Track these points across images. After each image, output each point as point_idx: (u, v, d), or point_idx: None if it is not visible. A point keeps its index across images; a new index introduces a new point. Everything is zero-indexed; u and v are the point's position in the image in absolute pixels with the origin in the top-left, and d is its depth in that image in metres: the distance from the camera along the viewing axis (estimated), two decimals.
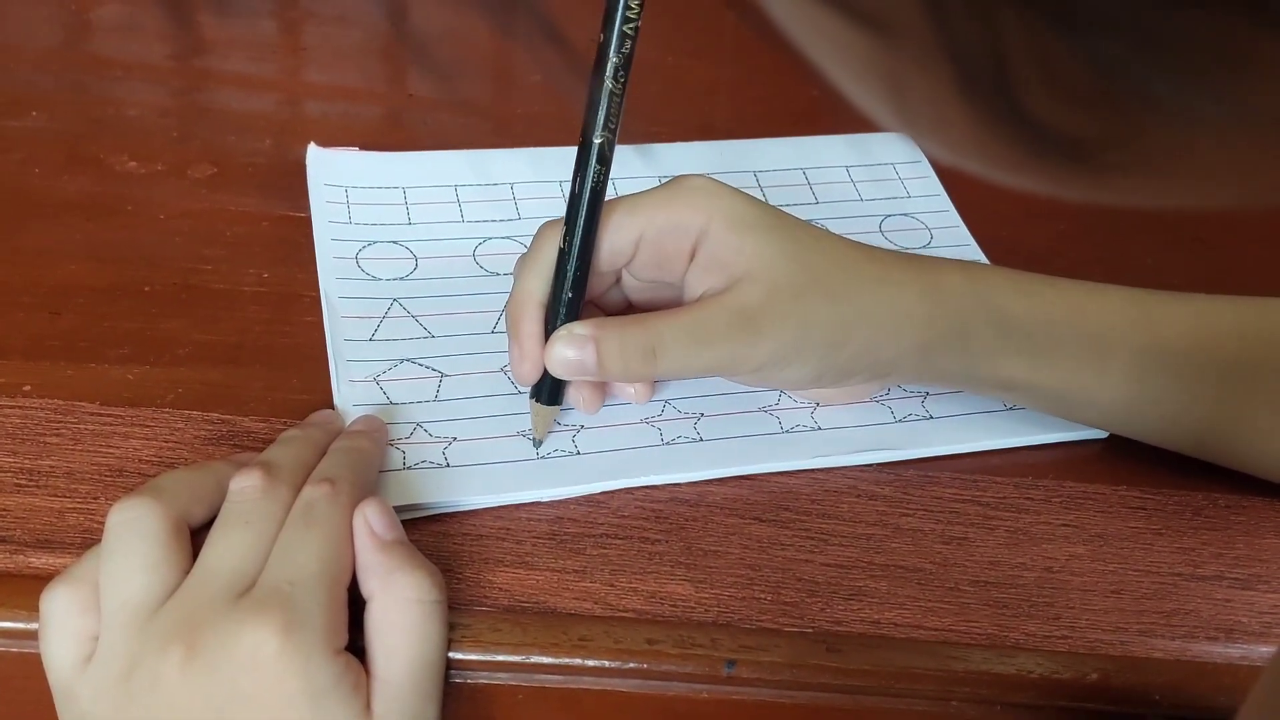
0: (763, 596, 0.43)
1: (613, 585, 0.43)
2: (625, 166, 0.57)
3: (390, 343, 0.50)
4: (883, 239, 0.59)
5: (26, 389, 0.47)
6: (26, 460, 0.44)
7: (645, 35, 0.41)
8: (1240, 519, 0.48)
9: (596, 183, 0.43)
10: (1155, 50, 0.13)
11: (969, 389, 0.49)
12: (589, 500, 0.46)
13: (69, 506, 0.43)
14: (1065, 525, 0.47)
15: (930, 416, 0.51)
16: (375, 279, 0.53)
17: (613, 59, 0.41)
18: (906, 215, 0.61)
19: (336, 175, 0.58)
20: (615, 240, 0.45)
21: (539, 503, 0.45)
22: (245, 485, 0.40)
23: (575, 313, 0.45)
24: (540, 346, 0.45)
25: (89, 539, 0.42)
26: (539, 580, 0.43)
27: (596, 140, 0.42)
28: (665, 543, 0.45)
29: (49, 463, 0.44)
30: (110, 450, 0.45)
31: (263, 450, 0.43)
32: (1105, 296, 0.47)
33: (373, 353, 0.50)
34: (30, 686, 0.39)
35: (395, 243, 0.55)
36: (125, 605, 0.37)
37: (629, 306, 0.49)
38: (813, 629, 0.43)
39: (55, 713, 0.39)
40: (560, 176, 0.58)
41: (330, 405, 0.48)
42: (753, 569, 0.44)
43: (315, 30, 0.70)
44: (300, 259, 0.54)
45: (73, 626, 0.38)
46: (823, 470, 0.48)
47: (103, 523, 0.39)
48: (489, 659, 0.41)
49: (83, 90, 0.63)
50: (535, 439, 0.47)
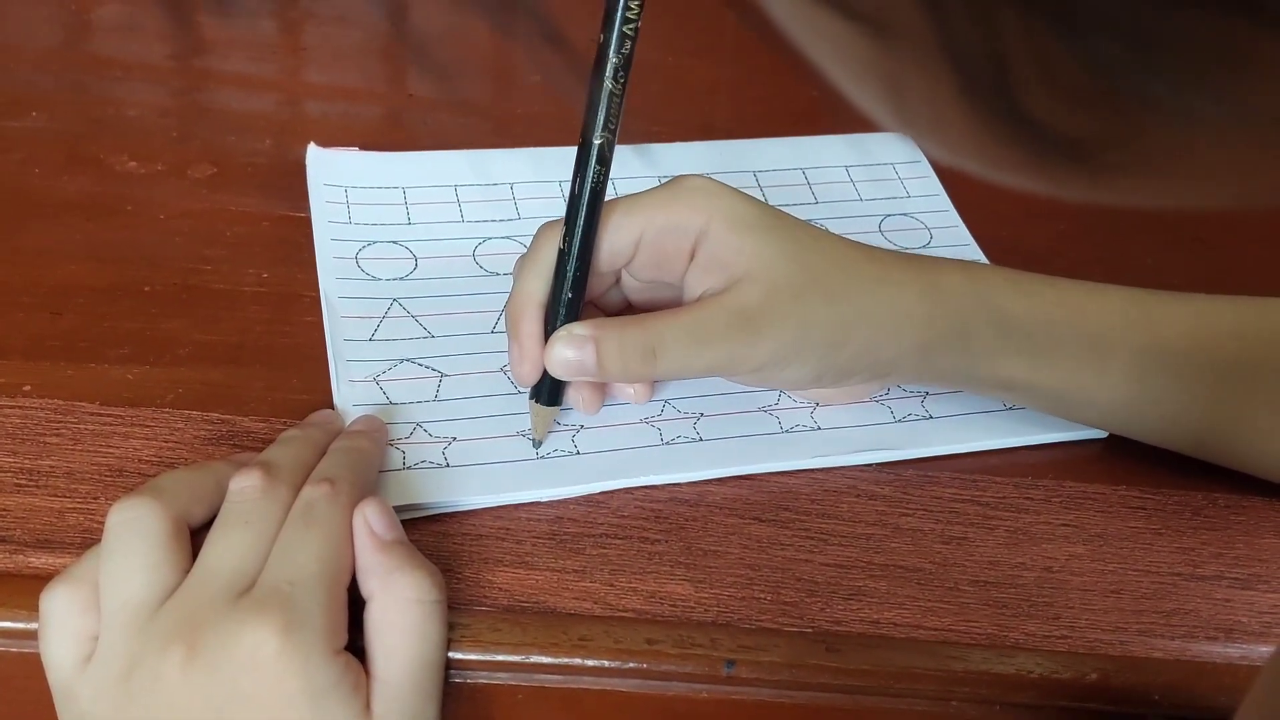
0: (762, 596, 0.43)
1: (612, 585, 0.43)
2: (624, 167, 0.57)
3: (390, 343, 0.50)
4: (882, 239, 0.59)
5: (26, 389, 0.47)
6: (26, 460, 0.44)
7: (645, 35, 0.41)
8: (1240, 519, 0.48)
9: (596, 183, 0.43)
10: (1155, 50, 0.13)
11: (969, 389, 0.49)
12: (589, 500, 0.46)
13: (69, 506, 0.43)
14: (1065, 525, 0.47)
15: (930, 416, 0.51)
16: (375, 279, 0.53)
17: (612, 59, 0.41)
18: (906, 215, 0.61)
19: (336, 175, 0.58)
20: (615, 241, 0.45)
21: (539, 503, 0.45)
22: (245, 485, 0.40)
23: (575, 313, 0.45)
24: (540, 347, 0.45)
25: (89, 539, 0.42)
26: (539, 580, 0.43)
27: (596, 141, 0.42)
28: (665, 543, 0.45)
29: (49, 463, 0.44)
30: (110, 450, 0.45)
31: (262, 450, 0.43)
32: (1105, 296, 0.47)
33: (372, 353, 0.50)
34: (30, 686, 0.39)
35: (395, 243, 0.55)
36: (125, 605, 0.37)
37: (628, 307, 0.49)
38: (812, 629, 0.43)
39: (55, 713, 0.39)
40: (560, 176, 0.58)
41: (330, 405, 0.48)
42: (752, 569, 0.44)
43: (315, 30, 0.70)
44: (300, 259, 0.54)
45: (73, 626, 0.38)
46: (822, 470, 0.48)
47: (103, 523, 0.39)
48: (489, 659, 0.41)
49: (83, 90, 0.63)
50: (535, 440, 0.47)
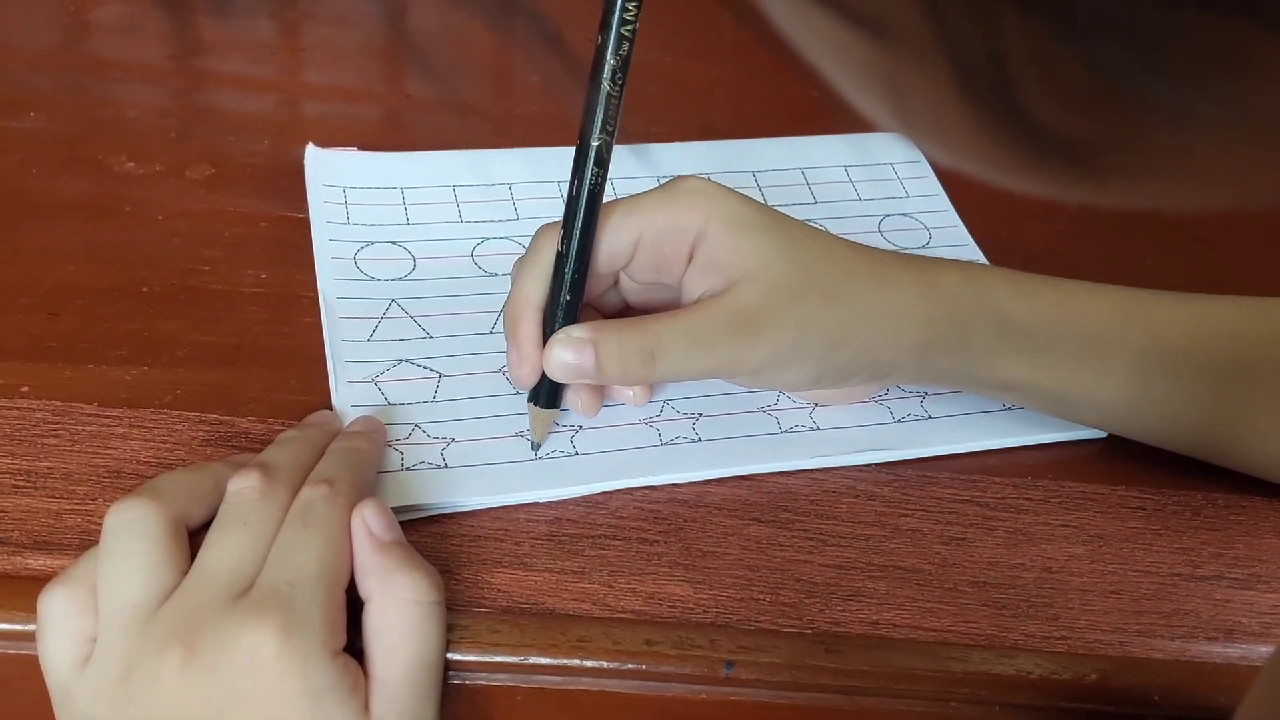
0: (761, 597, 0.43)
1: (611, 586, 0.43)
2: (623, 167, 0.57)
3: (389, 343, 0.50)
4: (881, 239, 0.59)
5: (24, 390, 0.47)
6: (24, 461, 0.44)
7: (644, 36, 0.41)
8: (1240, 519, 0.48)
9: (594, 185, 0.43)
10: (1155, 52, 0.13)
11: (968, 389, 0.49)
12: (587, 501, 0.46)
13: (67, 508, 0.43)
14: (1064, 525, 0.47)
15: (929, 416, 0.51)
16: (373, 279, 0.53)
17: (610, 61, 0.41)
18: (905, 215, 0.61)
19: (335, 176, 0.58)
20: (613, 243, 0.45)
21: (537, 504, 0.45)
22: (243, 486, 0.40)
23: (573, 315, 0.45)
24: (538, 350, 0.45)
25: (87, 540, 0.42)
26: (537, 581, 0.43)
27: (594, 143, 0.42)
28: (664, 543, 0.44)
29: (47, 464, 0.44)
30: (108, 451, 0.45)
31: (261, 451, 0.43)
32: (1105, 297, 0.47)
33: (371, 353, 0.50)
34: (28, 688, 0.39)
35: (393, 243, 0.55)
36: (123, 607, 0.37)
37: (626, 308, 0.49)
38: (811, 630, 0.43)
39: (53, 714, 0.39)
40: (559, 177, 0.58)
41: (328, 406, 0.48)
42: (751, 570, 0.44)
43: (314, 31, 0.70)
44: (299, 260, 0.54)
45: (71, 628, 0.38)
46: (821, 470, 0.48)
47: (100, 524, 0.39)
48: (487, 660, 0.41)
49: (81, 91, 0.63)
50: (534, 442, 0.47)
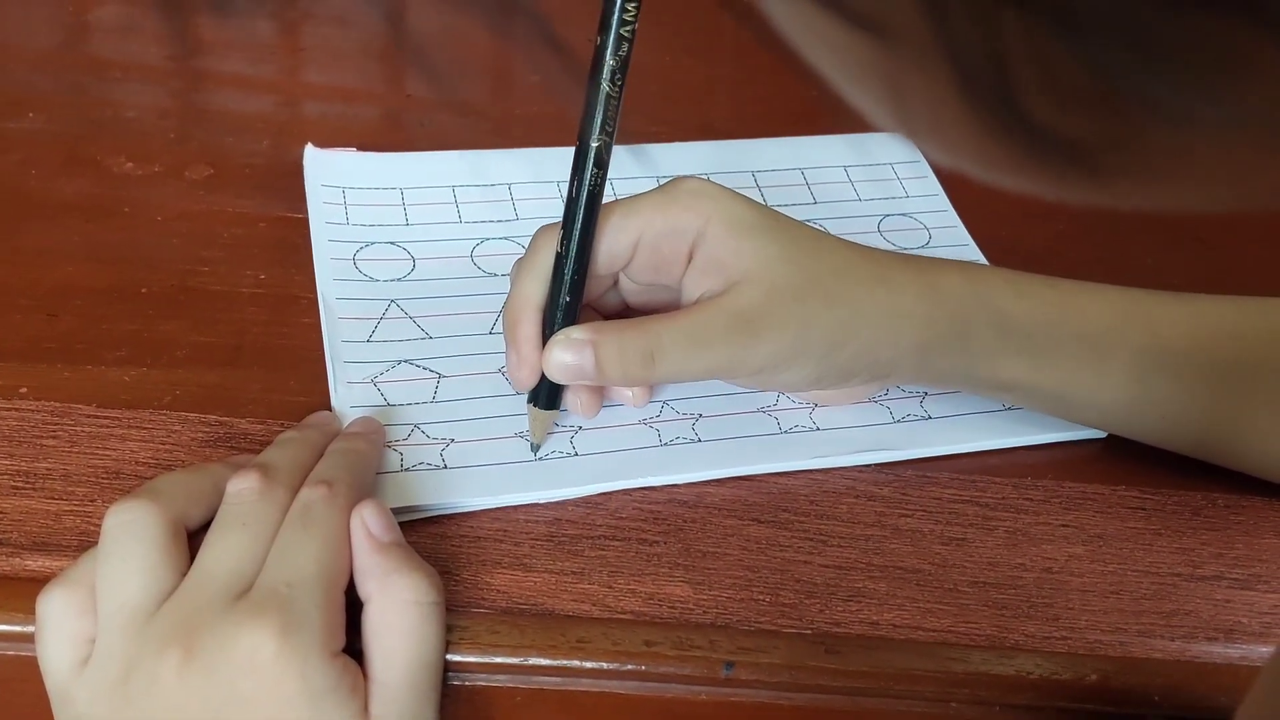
0: (761, 598, 0.43)
1: (610, 587, 0.43)
2: (622, 168, 0.57)
3: (388, 344, 0.50)
4: (881, 239, 0.59)
5: (23, 391, 0.47)
6: (23, 463, 0.44)
7: (643, 36, 0.40)
8: (1240, 519, 0.48)
9: (594, 186, 0.43)
10: (1154, 52, 0.13)
11: (968, 390, 0.49)
12: (587, 502, 0.46)
13: (66, 509, 0.43)
14: (1064, 526, 0.47)
15: (929, 417, 0.50)
16: (373, 280, 0.53)
17: (609, 62, 0.40)
18: (905, 215, 0.61)
19: (334, 176, 0.58)
20: (613, 244, 0.45)
21: (537, 504, 0.45)
22: (242, 487, 0.40)
23: (573, 317, 0.45)
24: (538, 351, 0.45)
25: (86, 541, 0.42)
26: (537, 582, 0.43)
27: (594, 144, 0.42)
28: (663, 544, 0.44)
29: (46, 465, 0.44)
30: (107, 452, 0.45)
31: (260, 452, 0.43)
32: (1105, 297, 0.47)
33: (370, 354, 0.50)
34: (27, 689, 0.39)
35: (393, 244, 0.55)
36: (122, 608, 0.37)
37: (626, 309, 0.49)
38: (811, 630, 0.43)
39: (52, 716, 0.39)
40: (558, 177, 0.58)
41: (328, 407, 0.47)
42: (751, 570, 0.44)
43: (313, 31, 0.70)
44: (298, 260, 0.54)
45: (69, 629, 0.38)
46: (821, 471, 0.48)
47: (99, 525, 0.39)
48: (487, 661, 0.41)
49: (81, 91, 0.63)
50: (533, 443, 0.47)
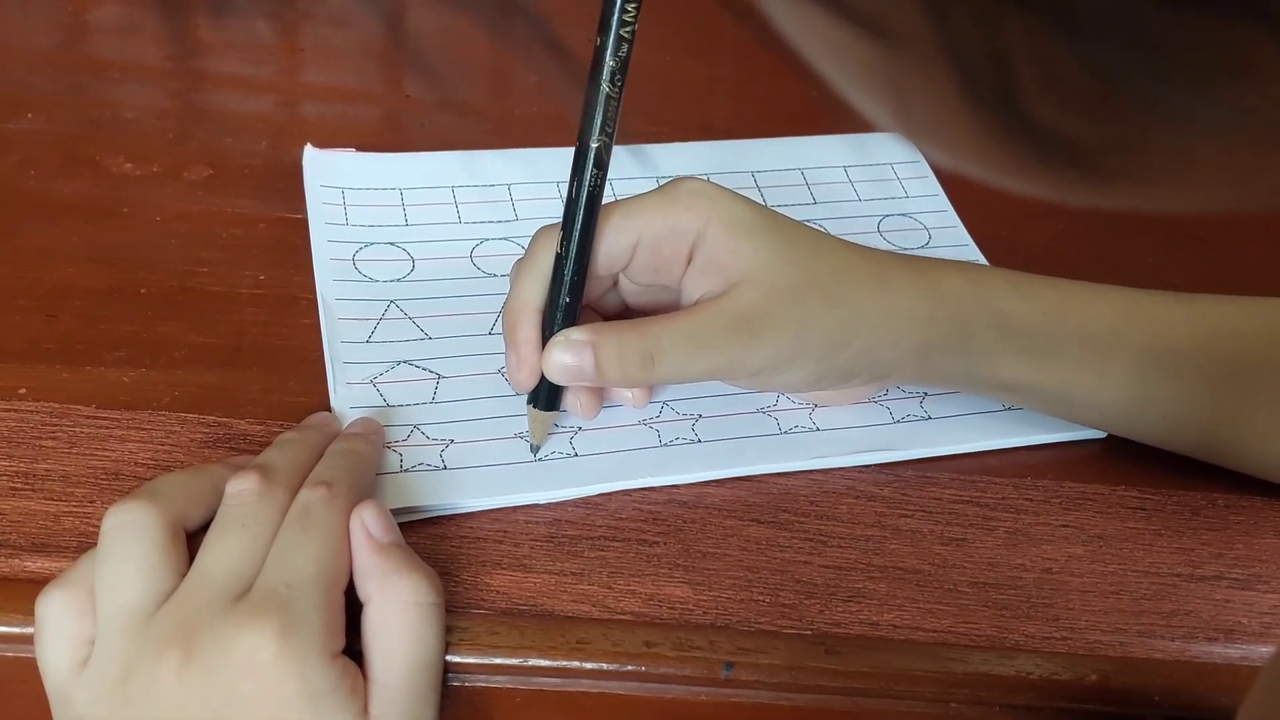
0: (761, 598, 0.43)
1: (610, 588, 0.43)
2: (622, 168, 0.57)
3: (387, 344, 0.50)
4: (881, 239, 0.59)
5: (22, 392, 0.47)
6: (22, 464, 0.44)
7: (643, 36, 0.40)
8: (1240, 519, 0.48)
9: (593, 187, 0.43)
10: (1155, 53, 0.13)
11: (968, 390, 0.49)
12: (586, 502, 0.46)
13: (65, 510, 0.43)
14: (1064, 526, 0.47)
15: (929, 417, 0.50)
16: (372, 280, 0.53)
17: (609, 63, 0.40)
18: (905, 215, 0.61)
19: (333, 177, 0.58)
20: (612, 245, 0.45)
21: (536, 505, 0.45)
22: (241, 488, 0.40)
23: (573, 318, 0.45)
24: (537, 353, 0.45)
25: (85, 542, 0.42)
26: (536, 583, 0.43)
27: (593, 145, 0.42)
28: (663, 545, 0.44)
29: (45, 466, 0.44)
30: (106, 453, 0.45)
31: (259, 453, 0.43)
32: (1105, 297, 0.47)
33: (370, 354, 0.50)
34: (26, 691, 0.39)
35: (392, 244, 0.55)
36: (121, 609, 0.37)
37: (625, 310, 0.49)
38: (811, 631, 0.42)
39: (51, 717, 0.39)
40: (557, 177, 0.58)
41: (327, 407, 0.47)
42: (751, 571, 0.44)
43: (312, 32, 0.70)
44: (297, 261, 0.54)
45: (68, 630, 0.38)
46: (821, 471, 0.48)
47: (99, 526, 0.39)
48: (486, 662, 0.41)
49: (79, 92, 0.63)
50: (533, 445, 0.47)
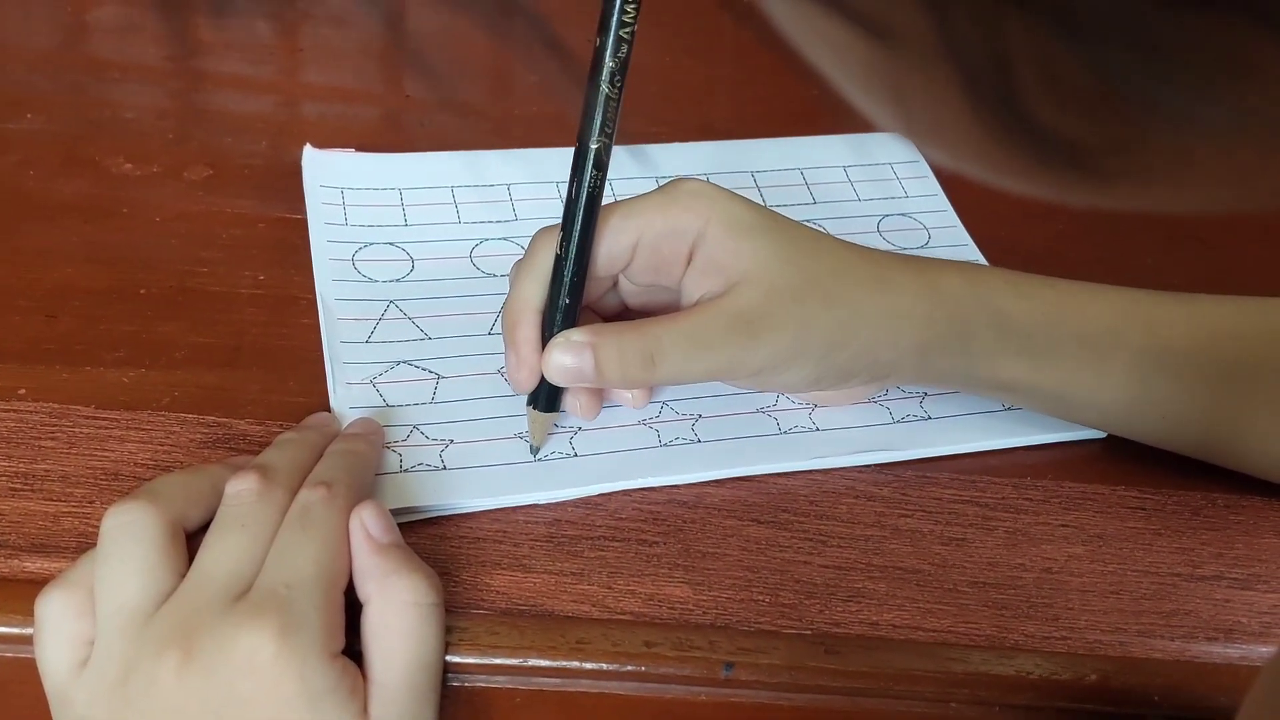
0: (761, 598, 0.43)
1: (610, 588, 0.43)
2: (622, 169, 0.57)
3: (387, 345, 0.50)
4: (880, 239, 0.59)
5: (22, 392, 0.47)
6: (22, 464, 0.44)
7: (643, 36, 0.40)
8: (1239, 519, 0.48)
9: (593, 188, 0.43)
10: (1156, 54, 0.13)
11: (968, 390, 0.49)
12: (586, 503, 0.46)
13: (64, 510, 0.43)
14: (1064, 526, 0.47)
15: (929, 417, 0.50)
16: (372, 281, 0.53)
17: (609, 64, 0.40)
18: (904, 215, 0.61)
19: (333, 177, 0.57)
20: (612, 245, 0.45)
21: (536, 505, 0.45)
22: (241, 488, 0.40)
23: (572, 319, 0.45)
24: (537, 354, 0.45)
25: (84, 543, 0.42)
26: (536, 583, 0.43)
27: (593, 145, 0.42)
28: (663, 545, 0.44)
29: (44, 466, 0.44)
30: (106, 454, 0.45)
31: (259, 453, 0.43)
32: (1105, 297, 0.47)
33: (369, 355, 0.50)
34: (26, 691, 0.39)
35: (392, 244, 0.55)
36: (121, 609, 0.37)
37: (625, 310, 0.49)
38: (811, 631, 0.42)
39: (51, 717, 0.39)
40: (557, 178, 0.58)
41: (327, 408, 0.47)
42: (751, 571, 0.44)
43: (312, 32, 0.70)
44: (296, 261, 0.54)
45: (68, 631, 0.38)
46: (821, 471, 0.48)
47: (98, 527, 0.39)
48: (486, 662, 0.41)
49: (79, 92, 0.63)
50: (533, 445, 0.47)
